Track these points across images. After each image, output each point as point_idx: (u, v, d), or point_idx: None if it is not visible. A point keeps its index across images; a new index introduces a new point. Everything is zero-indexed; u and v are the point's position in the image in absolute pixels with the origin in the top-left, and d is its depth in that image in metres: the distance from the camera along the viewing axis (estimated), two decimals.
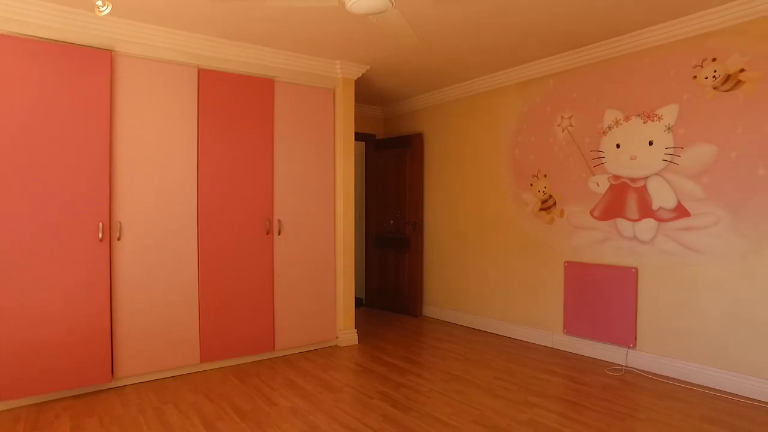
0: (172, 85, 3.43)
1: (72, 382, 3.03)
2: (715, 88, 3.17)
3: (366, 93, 5.28)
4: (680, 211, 3.35)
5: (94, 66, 3.11)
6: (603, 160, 3.78)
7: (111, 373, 3.19)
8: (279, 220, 3.92)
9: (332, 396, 3.08)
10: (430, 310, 5.43)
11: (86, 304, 3.07)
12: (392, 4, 1.98)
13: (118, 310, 3.23)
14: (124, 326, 3.24)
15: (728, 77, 3.11)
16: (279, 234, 3.92)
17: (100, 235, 3.11)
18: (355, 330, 4.38)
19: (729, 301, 3.13)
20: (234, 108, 3.69)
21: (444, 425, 2.64)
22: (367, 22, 3.27)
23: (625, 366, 3.63)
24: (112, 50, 3.20)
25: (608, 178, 3.75)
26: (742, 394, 3.05)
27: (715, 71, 3.17)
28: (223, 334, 3.63)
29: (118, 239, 3.22)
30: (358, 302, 6.15)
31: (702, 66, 3.23)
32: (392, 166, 5.69)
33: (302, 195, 4.07)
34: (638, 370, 3.55)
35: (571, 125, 3.99)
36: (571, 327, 3.98)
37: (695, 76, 3.27)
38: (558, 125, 4.10)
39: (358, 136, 5.86)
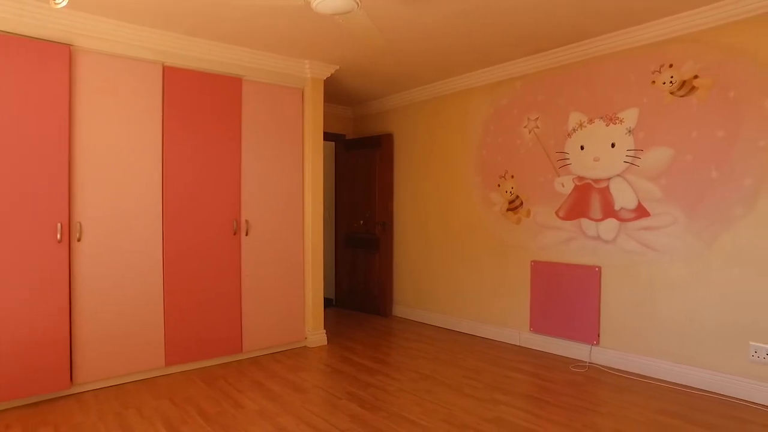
0: (136, 82, 3.34)
1: (27, 389, 2.91)
2: (671, 93, 3.29)
3: (336, 93, 5.26)
4: (640, 212, 3.46)
5: (51, 61, 3.00)
6: (568, 162, 3.87)
7: (70, 379, 3.08)
8: (247, 221, 3.87)
9: (300, 397, 3.06)
10: (400, 310, 5.46)
11: (43, 307, 2.96)
12: (357, 4, 1.98)
13: (78, 314, 3.12)
14: (84, 330, 3.14)
15: (683, 83, 3.23)
16: (247, 234, 3.87)
17: (59, 236, 3.01)
18: (324, 331, 4.37)
19: (684, 298, 3.25)
20: (201, 106, 3.62)
21: (412, 424, 2.65)
22: (335, 22, 3.26)
23: (589, 362, 3.72)
24: (71, 45, 3.09)
25: (573, 179, 3.84)
26: (696, 386, 3.18)
27: (672, 77, 3.29)
28: (189, 336, 3.56)
29: (78, 240, 3.12)
30: (328, 303, 6.13)
31: (660, 72, 3.35)
32: (362, 166, 5.69)
33: (271, 195, 4.03)
34: (601, 366, 3.65)
35: (538, 127, 4.08)
36: (537, 325, 4.07)
37: (654, 81, 3.38)
38: (525, 127, 4.18)
39: (328, 136, 5.84)
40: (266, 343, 3.99)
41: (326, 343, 4.34)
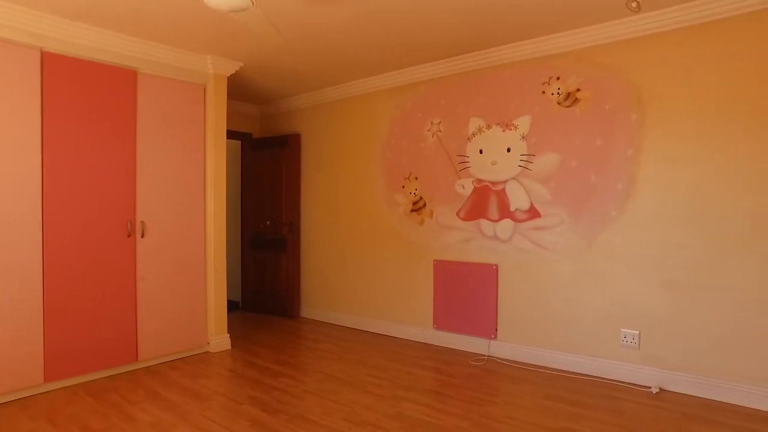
0: (5, 68, 3.01)
1: None
2: (559, 103, 3.57)
3: (241, 90, 5.11)
4: (533, 213, 3.71)
5: None
6: (468, 165, 4.06)
7: None
8: (143, 222, 3.65)
9: (199, 405, 2.94)
10: (308, 311, 5.42)
11: None
12: (252, 3, 1.94)
13: None
14: None
15: (569, 95, 3.52)
16: (142, 236, 3.65)
17: None
18: (228, 335, 4.23)
19: (569, 292, 3.54)
20: (89, 98, 3.35)
21: (313, 425, 2.65)
22: (233, 19, 3.17)
23: (488, 356, 3.93)
24: None
25: (472, 181, 4.04)
26: (579, 371, 3.47)
27: (559, 89, 3.56)
28: (75, 348, 3.28)
29: None
30: (234, 306, 5.93)
31: (549, 83, 3.61)
32: (269, 166, 5.57)
33: (169, 195, 3.82)
34: (499, 358, 3.86)
35: (440, 131, 4.23)
36: (440, 322, 4.22)
37: (544, 92, 3.64)
38: (428, 130, 4.32)
39: (234, 135, 5.65)
40: (165, 351, 3.79)
41: (230, 347, 4.20)
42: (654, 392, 3.09)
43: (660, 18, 3.08)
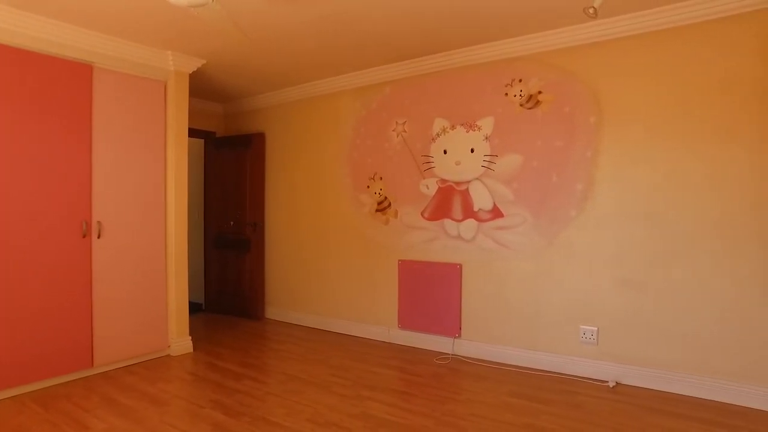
0: None
1: None
2: (521, 105, 3.64)
3: (204, 88, 5.00)
4: (496, 213, 3.77)
5: None
6: (432, 165, 4.09)
7: None
8: (99, 222, 3.53)
9: (159, 410, 2.86)
10: (272, 312, 5.35)
11: None
12: None
13: None
14: None
15: (530, 97, 3.59)
16: (99, 237, 3.52)
17: None
18: (190, 337, 4.13)
19: (531, 291, 3.61)
20: (39, 93, 3.21)
21: (276, 427, 2.61)
22: (193, 15, 3.10)
23: (452, 354, 3.97)
24: None
25: (437, 181, 4.07)
26: (541, 368, 3.55)
27: (521, 91, 3.63)
28: (22, 355, 3.12)
29: None
30: (197, 307, 5.80)
31: (511, 85, 3.68)
32: (233, 166, 5.48)
33: (128, 194, 3.71)
34: (463, 357, 3.91)
35: (405, 131, 4.26)
36: (405, 321, 4.24)
37: (507, 94, 3.71)
38: (393, 130, 4.33)
39: (197, 133, 5.53)
40: (123, 355, 3.67)
41: (192, 350, 4.10)
42: (611, 386, 3.19)
43: (615, 25, 3.19)
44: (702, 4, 2.91)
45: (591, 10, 2.51)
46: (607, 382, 3.25)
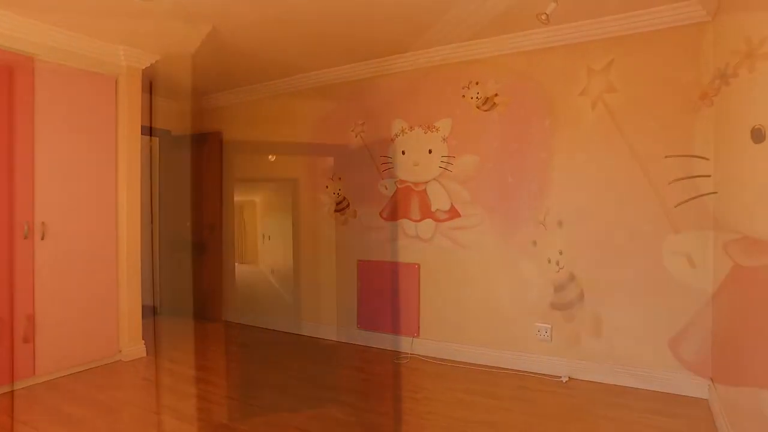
0: None
1: None
2: (478, 107, 3.71)
3: (160, 85, 4.85)
4: (453, 213, 3.82)
5: None
6: (391, 165, 4.11)
7: None
8: (43, 223, 3.36)
9: (108, 419, 2.75)
10: (231, 314, 5.24)
11: None
12: None
13: None
14: None
15: (487, 99, 3.66)
16: (42, 239, 3.36)
17: None
18: (143, 341, 3.99)
19: (487, 290, 3.69)
20: None
21: (233, 431, 2.57)
22: (144, 8, 3.00)
23: (411, 353, 3.99)
24: None
25: (395, 182, 4.09)
26: (498, 365, 3.62)
27: (478, 93, 3.70)
28: None
29: None
30: (152, 311, 5.61)
31: (469, 87, 3.74)
32: (189, 165, 5.34)
33: (75, 194, 3.55)
34: (422, 356, 3.94)
35: (364, 131, 4.26)
36: (364, 322, 4.24)
37: (464, 96, 3.77)
38: (352, 131, 4.33)
39: (152, 132, 5.35)
40: (69, 362, 3.51)
41: (145, 354, 3.97)
42: (564, 381, 3.29)
43: (566, 32, 3.30)
44: (642, 17, 3.06)
45: (543, 17, 2.58)
46: (561, 377, 3.35)
